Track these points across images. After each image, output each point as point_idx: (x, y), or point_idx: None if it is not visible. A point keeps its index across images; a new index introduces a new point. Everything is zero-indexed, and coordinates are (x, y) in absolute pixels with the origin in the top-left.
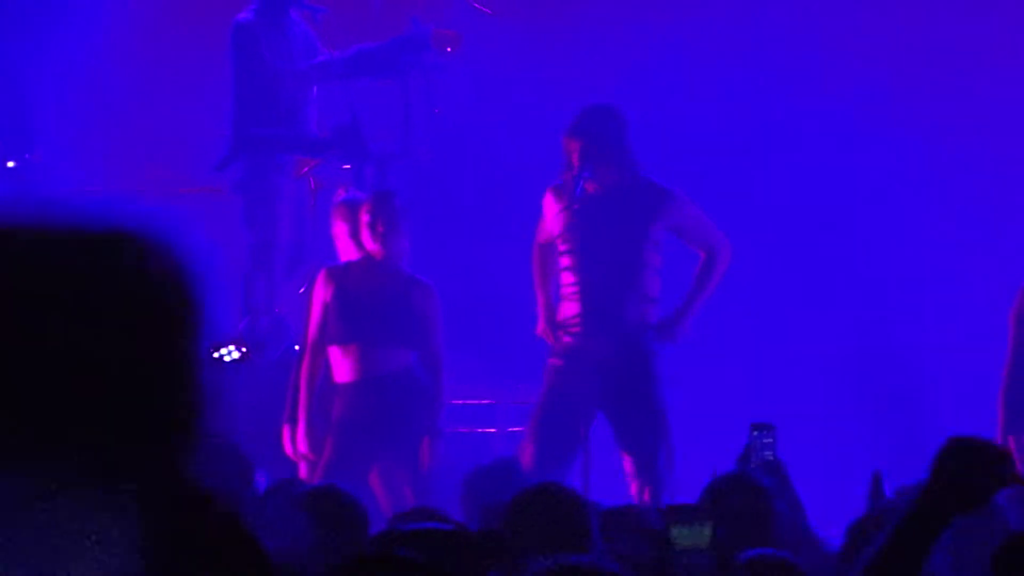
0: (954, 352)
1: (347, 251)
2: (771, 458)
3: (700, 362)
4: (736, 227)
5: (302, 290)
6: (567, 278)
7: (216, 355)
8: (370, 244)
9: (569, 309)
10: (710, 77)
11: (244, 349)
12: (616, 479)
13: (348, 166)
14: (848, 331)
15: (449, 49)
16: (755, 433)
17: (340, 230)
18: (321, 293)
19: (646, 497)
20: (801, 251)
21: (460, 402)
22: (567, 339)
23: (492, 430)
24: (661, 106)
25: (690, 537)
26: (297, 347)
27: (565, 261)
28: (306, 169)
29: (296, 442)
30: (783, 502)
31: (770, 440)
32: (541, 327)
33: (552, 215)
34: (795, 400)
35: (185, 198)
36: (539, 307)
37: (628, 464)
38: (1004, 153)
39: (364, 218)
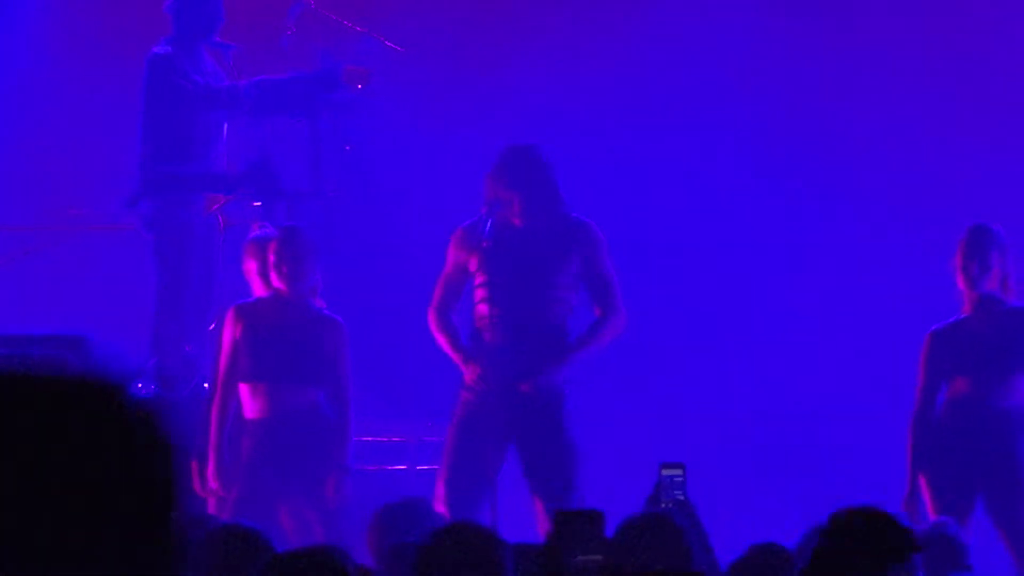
0: (859, 396)
1: (258, 288)
2: (681, 498)
3: (611, 401)
4: (640, 269)
5: (212, 327)
6: (482, 310)
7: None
8: (276, 282)
9: (481, 342)
10: (619, 115)
11: (153, 386)
12: (525, 515)
13: (259, 203)
14: (754, 370)
15: (360, 86)
16: (664, 472)
17: (250, 267)
18: (230, 330)
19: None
20: (707, 292)
21: (370, 439)
22: (478, 371)
23: (402, 467)
24: (570, 143)
25: (581, 544)
26: (207, 384)
27: (480, 294)
28: (216, 206)
29: (205, 479)
30: (693, 543)
31: (680, 479)
32: (471, 377)
33: (462, 255)
34: (708, 440)
35: (94, 234)
36: (459, 363)
37: (537, 500)
38: (911, 206)
39: (270, 257)
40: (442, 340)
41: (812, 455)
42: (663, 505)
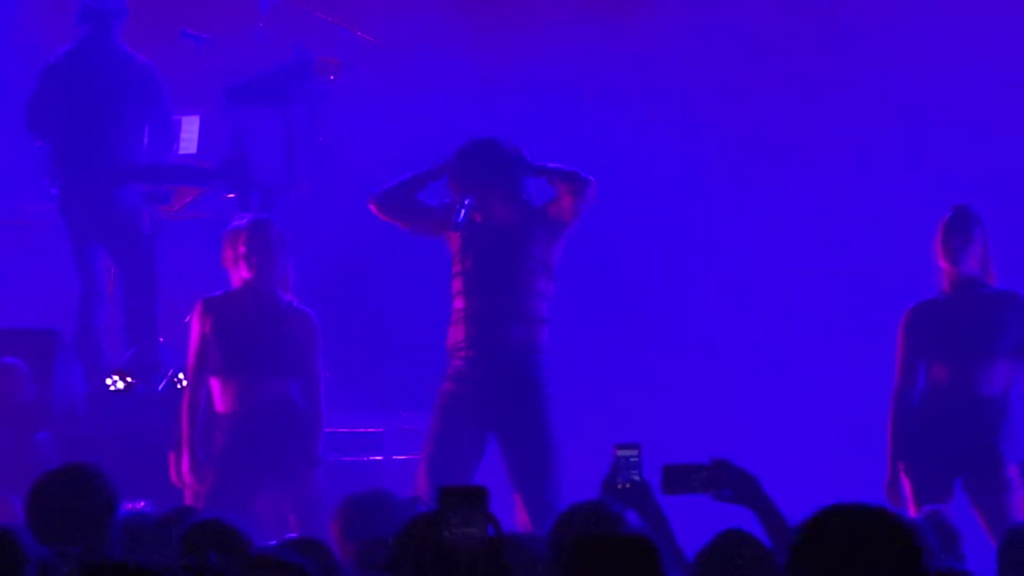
0: (836, 383)
1: (235, 278)
2: (637, 478)
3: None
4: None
5: (187, 319)
6: (458, 303)
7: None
8: (246, 272)
9: (458, 333)
10: (605, 111)
11: (129, 379)
12: (506, 506)
13: (232, 195)
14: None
15: (333, 77)
16: (620, 453)
17: (227, 256)
18: (199, 324)
19: (530, 523)
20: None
21: (347, 430)
22: (456, 363)
23: (379, 458)
24: (553, 136)
25: (464, 518)
26: (181, 375)
27: (456, 286)
28: (190, 199)
29: (180, 471)
30: (646, 522)
31: (636, 460)
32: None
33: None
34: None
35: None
36: None
37: (516, 489)
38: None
39: (240, 247)
40: None
41: (790, 441)
42: (619, 486)
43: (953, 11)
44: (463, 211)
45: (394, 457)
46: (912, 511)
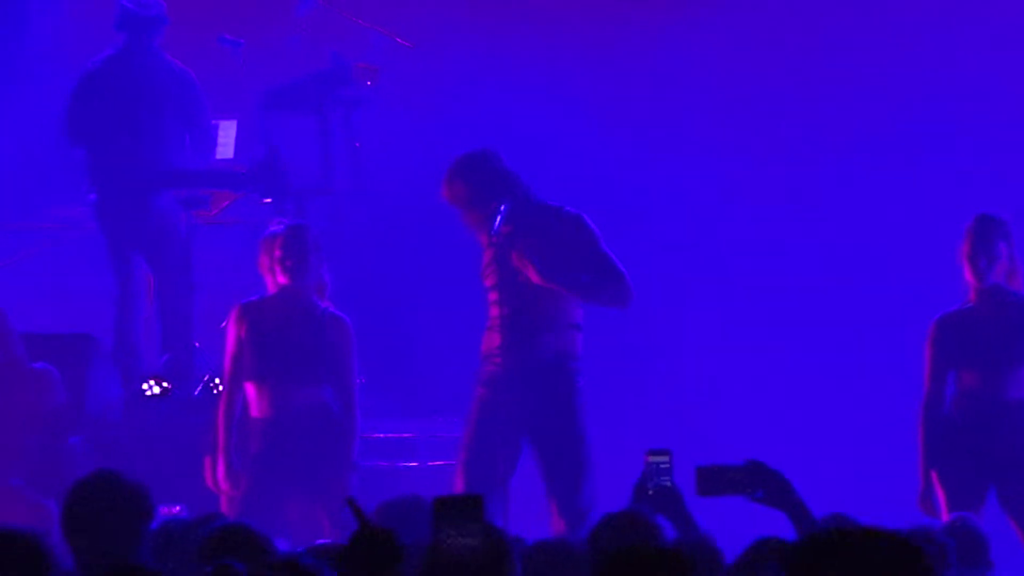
0: (868, 394)
1: (270, 284)
2: (668, 484)
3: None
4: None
5: (223, 324)
6: (492, 311)
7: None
8: (281, 276)
9: (492, 340)
10: (627, 114)
11: (165, 384)
12: (538, 511)
13: (268, 200)
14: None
15: (369, 83)
16: (651, 459)
17: (263, 262)
18: (235, 329)
19: (564, 530)
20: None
21: (382, 435)
22: (490, 369)
23: (413, 464)
24: (577, 139)
25: (459, 528)
26: (217, 380)
27: (491, 295)
28: (226, 203)
29: (216, 476)
30: (677, 529)
31: (666, 466)
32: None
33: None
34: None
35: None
36: None
37: (550, 495)
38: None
39: (276, 251)
40: None
41: (822, 453)
42: (650, 492)
43: (967, 18)
44: (500, 218)
45: (429, 463)
46: (945, 519)
